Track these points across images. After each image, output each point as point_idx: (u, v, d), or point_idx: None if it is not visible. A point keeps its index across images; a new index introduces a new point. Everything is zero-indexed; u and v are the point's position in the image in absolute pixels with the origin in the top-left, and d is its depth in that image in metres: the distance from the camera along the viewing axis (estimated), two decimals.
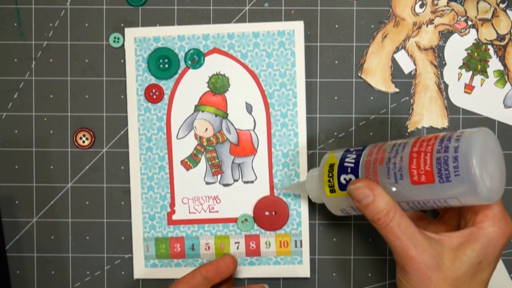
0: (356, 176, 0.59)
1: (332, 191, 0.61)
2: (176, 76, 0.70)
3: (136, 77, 0.70)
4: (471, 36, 0.70)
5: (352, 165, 0.60)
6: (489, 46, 0.70)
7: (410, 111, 0.70)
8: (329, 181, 0.61)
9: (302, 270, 0.71)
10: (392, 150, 0.57)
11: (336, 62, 0.71)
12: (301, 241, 0.70)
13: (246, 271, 0.71)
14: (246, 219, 0.70)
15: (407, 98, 0.70)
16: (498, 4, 0.70)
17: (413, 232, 0.55)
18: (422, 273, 0.55)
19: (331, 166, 0.61)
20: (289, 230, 0.70)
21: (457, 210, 0.61)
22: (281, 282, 0.71)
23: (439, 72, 0.70)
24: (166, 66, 0.70)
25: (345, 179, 0.60)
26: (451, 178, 0.52)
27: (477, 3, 0.70)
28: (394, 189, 0.56)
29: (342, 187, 0.60)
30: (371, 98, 0.71)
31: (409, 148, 0.55)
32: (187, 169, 0.70)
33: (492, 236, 0.55)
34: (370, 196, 0.56)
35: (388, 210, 0.55)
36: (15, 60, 0.71)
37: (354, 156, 0.60)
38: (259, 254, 0.71)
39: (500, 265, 0.70)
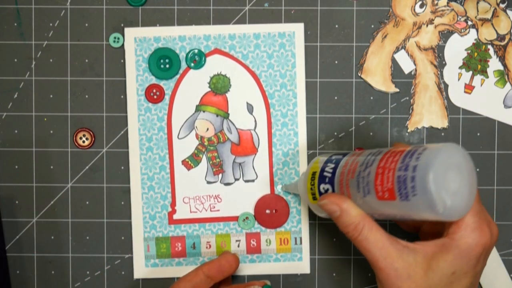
0: (332, 187, 0.60)
1: (314, 198, 0.62)
2: (177, 76, 0.70)
3: (136, 77, 0.70)
4: (471, 36, 0.70)
5: (330, 175, 0.60)
6: (489, 46, 0.70)
7: (410, 111, 0.71)
8: (311, 188, 0.62)
9: (302, 266, 0.71)
10: (363, 164, 0.57)
11: (336, 62, 0.71)
12: (301, 238, 0.71)
13: (247, 269, 0.71)
14: (247, 218, 0.71)
15: (407, 98, 0.71)
16: (498, 4, 0.70)
17: (383, 244, 0.55)
18: (392, 283, 0.55)
19: (314, 174, 0.62)
20: (289, 227, 0.71)
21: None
22: (281, 279, 0.72)
23: (439, 72, 0.70)
24: (167, 66, 0.70)
25: (324, 188, 0.61)
26: (409, 198, 0.51)
27: (477, 3, 0.70)
28: (363, 202, 0.56)
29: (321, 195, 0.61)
30: (371, 98, 0.71)
31: (377, 163, 0.55)
32: (188, 169, 0.70)
33: (465, 247, 0.54)
34: (337, 211, 0.57)
35: (356, 224, 0.56)
36: (15, 60, 0.71)
37: (333, 165, 0.60)
38: (259, 251, 0.71)
39: (500, 265, 0.71)
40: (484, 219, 0.55)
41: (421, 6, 0.70)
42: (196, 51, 0.70)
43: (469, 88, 0.70)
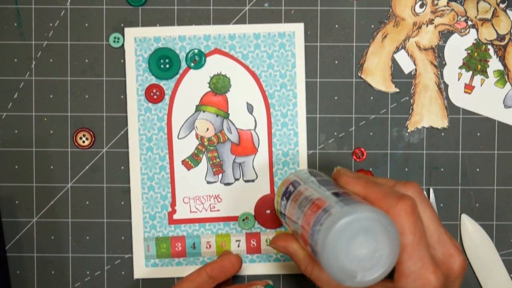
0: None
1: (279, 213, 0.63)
2: (177, 76, 0.70)
3: (136, 77, 0.70)
4: (471, 36, 0.70)
5: (282, 208, 0.61)
6: (489, 46, 0.70)
7: (410, 111, 0.71)
8: (276, 204, 0.64)
9: None
10: (297, 212, 0.56)
11: (336, 62, 0.71)
12: None
13: (247, 269, 0.71)
14: (247, 218, 0.71)
15: (407, 98, 0.71)
16: (498, 4, 0.70)
17: (334, 285, 0.56)
18: None
19: (279, 193, 0.63)
20: None
21: None
22: (281, 279, 0.72)
23: (439, 72, 0.70)
24: (167, 66, 0.70)
25: (280, 215, 0.63)
26: (321, 265, 0.50)
27: (477, 3, 0.70)
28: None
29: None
30: (371, 98, 0.71)
31: (302, 219, 0.55)
32: (188, 169, 0.70)
33: None
34: (287, 252, 0.60)
35: (305, 266, 0.58)
36: (15, 60, 0.71)
37: (284, 202, 0.61)
38: (259, 251, 0.71)
39: (500, 265, 0.71)
40: (431, 263, 0.51)
41: (421, 6, 0.70)
42: (196, 51, 0.70)
43: (469, 88, 0.70)
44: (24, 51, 0.71)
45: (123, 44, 0.70)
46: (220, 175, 0.71)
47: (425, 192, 0.71)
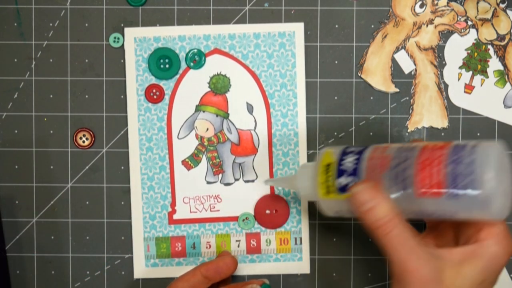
0: (357, 180, 0.56)
1: (328, 192, 0.58)
2: (177, 76, 0.70)
3: (136, 77, 0.70)
4: (471, 36, 0.70)
5: (352, 167, 0.56)
6: (489, 46, 0.70)
7: (410, 111, 0.71)
8: (325, 181, 0.58)
9: (302, 266, 0.71)
10: (398, 157, 0.54)
11: (336, 62, 0.71)
12: (300, 238, 0.71)
13: (247, 269, 0.71)
14: (247, 218, 0.71)
15: (407, 98, 0.71)
16: (498, 4, 0.70)
17: (414, 243, 0.52)
18: (419, 287, 0.51)
19: (328, 166, 0.58)
20: (289, 227, 0.71)
21: (452, 225, 0.58)
22: (281, 279, 0.72)
23: (439, 72, 0.70)
24: (167, 66, 0.70)
25: (344, 181, 0.56)
26: (464, 192, 0.49)
27: (477, 3, 0.70)
28: (395, 198, 0.53)
29: (341, 189, 0.57)
30: (371, 98, 0.71)
31: (415, 157, 0.52)
32: (188, 169, 0.70)
33: (495, 254, 0.52)
34: (370, 203, 0.53)
35: (388, 220, 0.52)
36: (15, 60, 0.71)
37: (355, 158, 0.57)
38: (259, 251, 0.71)
39: None
40: (508, 229, 0.53)
41: (421, 6, 0.70)
42: (195, 51, 0.70)
43: (469, 88, 0.70)
44: (24, 51, 0.71)
45: (123, 44, 0.70)
46: (220, 175, 0.71)
47: None
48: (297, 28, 0.70)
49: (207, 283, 0.65)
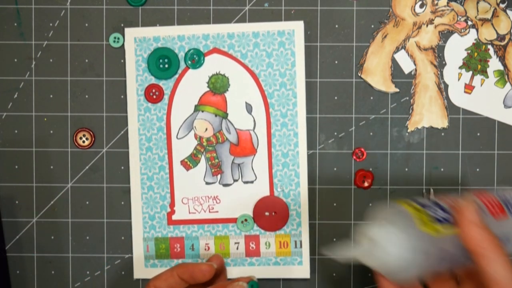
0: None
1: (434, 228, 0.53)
2: (176, 76, 0.70)
3: (136, 77, 0.70)
4: (471, 36, 0.70)
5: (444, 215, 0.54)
6: (489, 46, 0.70)
7: (410, 111, 0.70)
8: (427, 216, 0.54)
9: (302, 270, 0.71)
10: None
11: (336, 62, 0.71)
12: (301, 242, 0.70)
13: (245, 272, 0.71)
14: (246, 219, 0.70)
15: (407, 98, 0.70)
16: (498, 4, 0.70)
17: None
18: None
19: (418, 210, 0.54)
20: (289, 230, 0.70)
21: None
22: (281, 283, 0.71)
23: (439, 72, 0.70)
24: (166, 66, 0.70)
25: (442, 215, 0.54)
26: None
27: (477, 3, 0.70)
28: None
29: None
30: (371, 98, 0.71)
31: None
32: (187, 169, 0.70)
33: None
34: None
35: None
36: (15, 60, 0.71)
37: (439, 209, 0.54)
38: (259, 254, 0.71)
39: None
40: None
41: (421, 6, 0.70)
42: (194, 50, 0.70)
43: (469, 88, 0.70)
44: (24, 51, 0.71)
45: (123, 44, 0.71)
46: (219, 176, 0.70)
47: (424, 191, 0.71)
48: (297, 27, 0.70)
49: (184, 284, 0.63)
